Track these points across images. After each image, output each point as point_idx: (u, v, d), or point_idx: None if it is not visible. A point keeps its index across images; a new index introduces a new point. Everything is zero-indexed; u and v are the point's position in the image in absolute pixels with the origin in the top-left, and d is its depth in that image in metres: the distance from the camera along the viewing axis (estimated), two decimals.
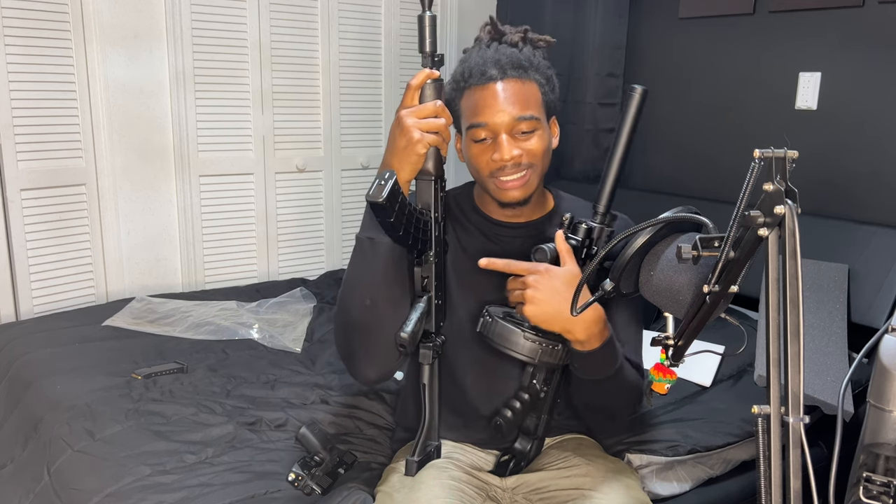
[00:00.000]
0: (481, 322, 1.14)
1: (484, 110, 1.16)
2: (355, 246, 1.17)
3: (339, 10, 2.68)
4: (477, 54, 1.20)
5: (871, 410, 0.94)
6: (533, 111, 1.17)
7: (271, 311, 2.28)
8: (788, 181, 0.76)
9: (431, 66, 1.11)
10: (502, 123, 1.16)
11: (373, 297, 1.13)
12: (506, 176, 1.17)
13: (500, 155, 1.15)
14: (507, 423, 1.17)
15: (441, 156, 1.13)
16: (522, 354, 1.09)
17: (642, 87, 1.12)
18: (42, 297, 2.27)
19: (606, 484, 1.17)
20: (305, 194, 2.77)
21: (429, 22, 1.10)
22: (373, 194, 1.00)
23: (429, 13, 1.09)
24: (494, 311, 1.14)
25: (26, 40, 2.12)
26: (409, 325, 1.10)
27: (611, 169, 1.15)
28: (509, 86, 1.16)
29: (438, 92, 1.12)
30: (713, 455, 1.51)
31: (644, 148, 2.80)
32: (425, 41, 1.11)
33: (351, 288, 1.16)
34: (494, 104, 1.15)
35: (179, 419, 1.57)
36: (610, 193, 1.16)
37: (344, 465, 1.37)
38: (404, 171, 1.08)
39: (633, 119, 1.13)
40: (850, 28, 2.15)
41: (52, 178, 2.24)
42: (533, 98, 1.18)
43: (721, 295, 0.85)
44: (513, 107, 1.16)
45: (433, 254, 1.15)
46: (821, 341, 1.74)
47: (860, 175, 2.18)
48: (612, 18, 2.77)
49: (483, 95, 1.16)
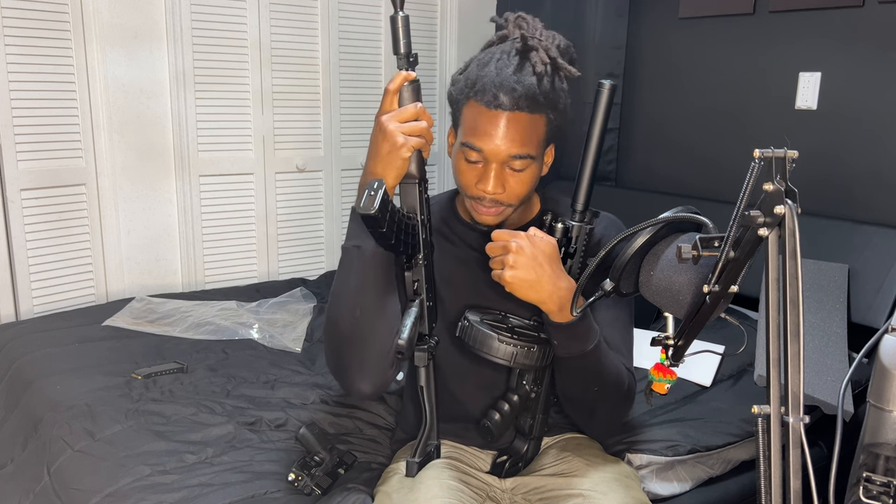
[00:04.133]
0: (460, 327, 1.14)
1: (482, 137, 1.12)
2: (342, 256, 1.14)
3: (339, 10, 2.68)
4: (496, 67, 1.13)
5: (871, 410, 0.94)
6: (530, 149, 1.14)
7: (271, 311, 2.28)
8: (788, 181, 0.76)
9: (407, 67, 1.09)
10: (496, 155, 1.12)
11: (362, 306, 1.11)
12: (484, 205, 1.17)
13: (483, 186, 1.14)
14: (495, 425, 1.18)
15: (423, 158, 1.11)
16: (498, 358, 1.10)
17: (610, 81, 1.12)
18: (42, 297, 2.27)
19: (606, 484, 1.16)
20: (305, 194, 2.77)
21: (402, 23, 1.07)
22: (364, 206, 0.98)
23: (401, 13, 1.07)
24: (472, 316, 1.15)
25: (26, 40, 2.12)
26: (405, 331, 1.09)
27: (585, 167, 1.14)
28: (515, 119, 1.11)
29: (417, 93, 1.09)
30: (713, 455, 1.51)
31: (644, 148, 2.80)
32: (399, 42, 1.08)
33: (339, 298, 1.13)
34: (494, 134, 1.11)
35: (179, 419, 1.57)
36: (586, 191, 1.15)
37: (344, 465, 1.37)
38: (390, 176, 1.06)
39: (604, 115, 1.13)
40: (850, 28, 2.15)
41: (52, 177, 2.24)
42: (535, 134, 1.14)
43: (721, 295, 0.85)
44: (511, 143, 1.12)
45: (422, 256, 1.15)
46: (821, 341, 1.74)
47: (860, 175, 2.18)
48: (612, 18, 2.77)
49: (486, 120, 1.12)
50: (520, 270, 1.06)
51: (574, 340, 1.11)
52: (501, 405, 1.18)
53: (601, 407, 1.22)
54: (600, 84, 1.12)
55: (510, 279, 1.06)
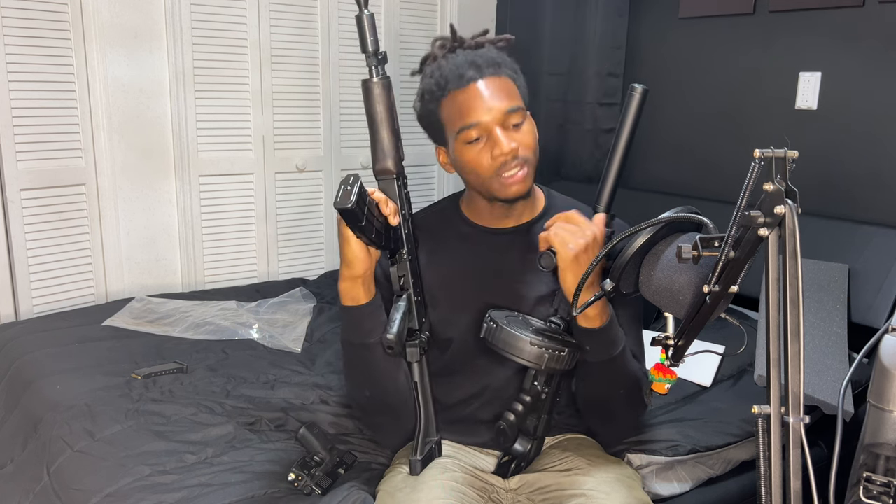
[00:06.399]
0: (485, 328, 1.12)
1: (472, 111, 1.15)
2: (342, 349, 1.22)
3: (339, 10, 2.68)
4: (446, 62, 1.19)
5: (871, 410, 0.94)
6: (517, 101, 1.18)
7: (271, 311, 2.28)
8: (788, 181, 0.76)
9: (376, 64, 1.14)
10: (493, 119, 1.15)
11: (371, 391, 1.22)
12: (509, 171, 1.16)
13: (500, 150, 1.14)
14: (510, 426, 1.18)
15: (400, 153, 1.16)
16: (529, 361, 1.08)
17: (643, 86, 1.12)
18: (42, 297, 2.27)
19: (608, 484, 1.17)
20: (305, 194, 2.77)
21: (367, 21, 1.12)
22: (341, 201, 1.00)
23: (367, 12, 1.11)
24: (498, 317, 1.12)
25: (26, 40, 2.12)
26: (394, 326, 1.09)
27: (611, 170, 1.15)
28: (489, 83, 1.16)
29: (388, 91, 1.14)
30: (713, 455, 1.51)
31: (644, 148, 2.80)
32: (367, 41, 1.12)
33: (348, 379, 1.28)
34: (481, 103, 1.15)
35: (179, 419, 1.57)
36: (610, 194, 1.15)
37: (344, 465, 1.37)
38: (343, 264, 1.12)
39: (634, 119, 1.12)
40: (850, 28, 2.15)
41: (51, 178, 2.24)
42: (513, 91, 1.19)
43: (721, 295, 0.85)
44: (500, 101, 1.15)
45: (406, 251, 1.17)
46: (821, 341, 1.73)
47: (860, 175, 2.18)
48: (613, 18, 2.76)
49: (466, 97, 1.16)
50: (585, 256, 1.07)
51: (604, 345, 1.13)
52: (516, 406, 1.18)
53: (622, 410, 1.25)
54: (632, 88, 1.12)
55: (573, 257, 1.07)
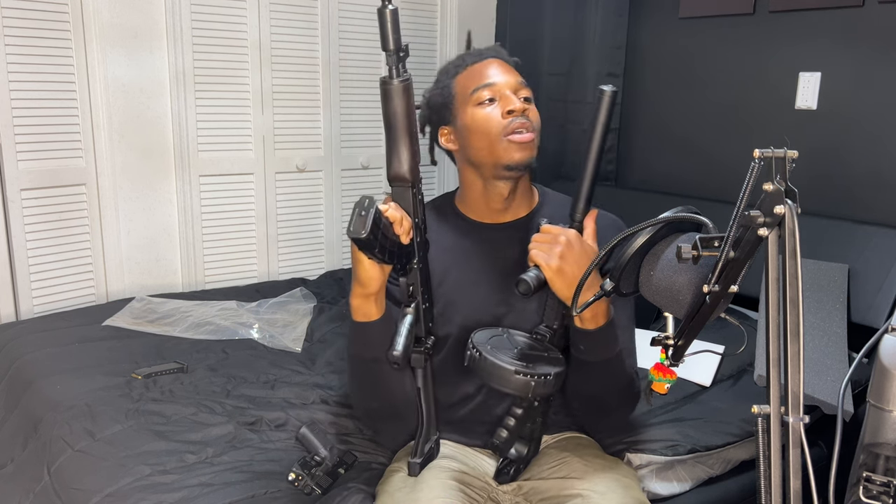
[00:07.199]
0: (468, 356, 1.10)
1: (488, 75, 1.23)
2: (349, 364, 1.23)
3: (339, 10, 2.68)
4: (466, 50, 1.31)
5: (871, 410, 0.94)
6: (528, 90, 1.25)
7: (271, 311, 2.28)
8: (788, 181, 0.76)
9: (397, 63, 1.03)
10: (507, 83, 1.22)
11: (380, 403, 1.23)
12: (518, 130, 1.18)
13: (511, 104, 1.19)
14: (503, 442, 1.17)
15: (417, 159, 1.10)
16: (515, 391, 1.06)
17: (611, 87, 1.11)
18: (42, 297, 2.27)
19: (605, 484, 1.17)
20: (305, 194, 2.77)
21: (390, 16, 1.00)
22: (354, 230, 0.96)
23: (390, 6, 1.00)
24: (480, 342, 1.09)
25: (26, 40, 2.12)
26: (401, 341, 1.06)
27: (585, 175, 1.13)
28: (503, 64, 1.26)
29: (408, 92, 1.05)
30: (713, 455, 1.51)
31: (644, 147, 2.80)
32: (389, 38, 1.00)
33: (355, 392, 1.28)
34: (497, 70, 1.24)
35: (179, 419, 1.57)
36: (586, 200, 1.14)
37: (344, 465, 1.37)
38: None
39: (605, 122, 1.12)
40: (850, 28, 2.15)
41: (52, 177, 2.24)
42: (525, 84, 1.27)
43: (721, 295, 0.85)
44: (514, 76, 1.24)
45: (417, 260, 1.12)
46: (821, 341, 1.74)
47: (860, 175, 2.18)
48: (613, 18, 2.77)
49: (483, 66, 1.25)
50: (566, 264, 1.09)
51: (601, 345, 1.14)
52: (508, 421, 1.17)
53: (616, 407, 1.26)
54: (601, 90, 1.11)
55: (556, 268, 1.08)
